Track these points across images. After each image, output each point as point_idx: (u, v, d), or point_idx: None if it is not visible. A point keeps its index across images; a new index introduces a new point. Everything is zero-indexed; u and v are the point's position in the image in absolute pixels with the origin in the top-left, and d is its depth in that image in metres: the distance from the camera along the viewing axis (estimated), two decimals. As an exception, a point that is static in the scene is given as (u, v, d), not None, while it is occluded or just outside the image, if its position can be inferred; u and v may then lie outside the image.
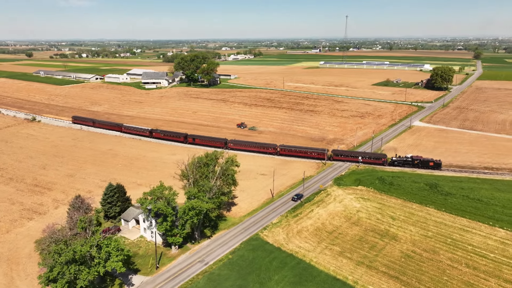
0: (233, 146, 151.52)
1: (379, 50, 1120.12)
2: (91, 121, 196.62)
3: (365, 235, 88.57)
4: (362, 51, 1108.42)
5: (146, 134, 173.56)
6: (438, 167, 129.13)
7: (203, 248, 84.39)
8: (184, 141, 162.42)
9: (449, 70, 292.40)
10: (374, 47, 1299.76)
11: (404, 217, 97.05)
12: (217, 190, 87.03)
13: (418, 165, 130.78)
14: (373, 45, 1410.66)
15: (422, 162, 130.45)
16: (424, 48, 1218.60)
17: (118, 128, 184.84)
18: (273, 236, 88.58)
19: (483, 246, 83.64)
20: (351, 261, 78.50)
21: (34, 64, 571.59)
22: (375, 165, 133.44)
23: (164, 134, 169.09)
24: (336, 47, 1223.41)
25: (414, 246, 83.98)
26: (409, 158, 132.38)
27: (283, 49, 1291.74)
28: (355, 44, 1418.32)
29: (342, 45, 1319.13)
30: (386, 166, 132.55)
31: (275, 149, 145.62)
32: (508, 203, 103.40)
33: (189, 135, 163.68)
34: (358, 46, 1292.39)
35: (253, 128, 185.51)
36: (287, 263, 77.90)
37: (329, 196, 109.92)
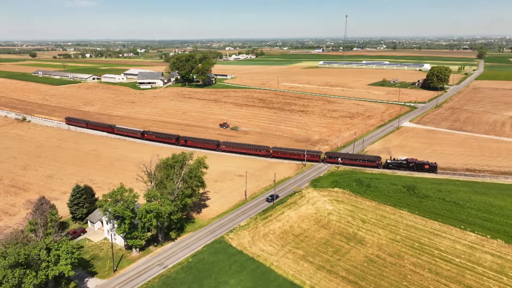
0: (226, 148, 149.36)
1: (383, 50, 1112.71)
2: (84, 122, 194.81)
3: (332, 239, 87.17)
4: (366, 50, 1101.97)
5: (137, 135, 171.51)
6: (433, 170, 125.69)
7: (165, 251, 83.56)
8: (176, 143, 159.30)
9: (445, 70, 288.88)
10: (379, 47, 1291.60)
11: (375, 220, 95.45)
12: (181, 193, 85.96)
13: (413, 168, 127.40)
14: (378, 45, 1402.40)
15: (417, 165, 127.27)
16: (429, 47, 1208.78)
17: (110, 129, 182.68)
18: (238, 239, 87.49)
19: (450, 250, 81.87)
20: (312, 265, 77.18)
21: (35, 64, 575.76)
22: (370, 167, 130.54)
23: (156, 136, 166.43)
24: (340, 47, 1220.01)
25: (380, 250, 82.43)
26: (404, 161, 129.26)
27: (287, 48, 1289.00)
28: (359, 44, 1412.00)
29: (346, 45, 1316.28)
30: (381, 169, 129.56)
31: (268, 151, 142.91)
32: (484, 206, 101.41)
33: (181, 137, 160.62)
34: (362, 45, 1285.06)
35: (235, 128, 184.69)
36: (247, 266, 76.80)
37: (302, 198, 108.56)
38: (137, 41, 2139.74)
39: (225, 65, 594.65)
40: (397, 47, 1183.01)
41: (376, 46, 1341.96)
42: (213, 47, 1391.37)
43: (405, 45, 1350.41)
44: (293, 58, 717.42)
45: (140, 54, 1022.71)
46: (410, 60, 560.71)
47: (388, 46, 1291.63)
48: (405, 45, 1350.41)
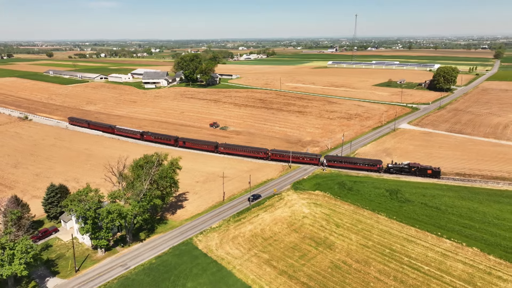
0: (224, 150, 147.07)
1: (398, 50, 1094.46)
2: (86, 122, 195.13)
3: (301, 243, 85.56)
4: (380, 50, 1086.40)
5: (137, 136, 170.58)
6: (436, 175, 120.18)
7: (131, 252, 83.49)
8: (174, 144, 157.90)
9: (452, 70, 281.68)
10: (394, 47, 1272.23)
11: (349, 225, 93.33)
12: (149, 193, 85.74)
13: (415, 173, 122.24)
14: (394, 44, 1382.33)
15: (420, 169, 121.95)
16: (447, 47, 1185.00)
17: (111, 130, 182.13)
18: (206, 241, 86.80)
19: (420, 258, 79.24)
20: (274, 270, 75.84)
21: (49, 64, 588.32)
22: (370, 172, 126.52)
23: (155, 137, 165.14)
24: (354, 47, 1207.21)
25: (347, 256, 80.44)
26: (406, 165, 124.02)
27: (301, 48, 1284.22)
28: (374, 44, 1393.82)
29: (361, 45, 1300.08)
30: (382, 174, 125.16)
31: (266, 154, 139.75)
32: (466, 212, 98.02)
33: (179, 138, 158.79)
34: (377, 45, 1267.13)
35: (224, 128, 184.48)
36: (208, 270, 76.00)
37: (281, 201, 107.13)
38: (153, 41, 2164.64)
39: (235, 65, 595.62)
40: (413, 47, 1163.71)
41: (392, 46, 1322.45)
42: (227, 46, 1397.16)
43: (422, 45, 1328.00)
44: (304, 58, 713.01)
45: (154, 54, 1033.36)
46: (423, 60, 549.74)
47: (404, 46, 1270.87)
48: (422, 45, 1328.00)
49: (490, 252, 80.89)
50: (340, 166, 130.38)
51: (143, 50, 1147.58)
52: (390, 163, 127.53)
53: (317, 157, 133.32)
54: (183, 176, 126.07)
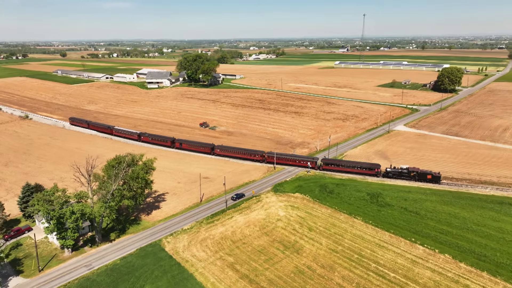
0: (220, 152, 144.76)
1: (411, 50, 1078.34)
2: (86, 123, 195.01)
3: (269, 246, 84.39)
4: (393, 50, 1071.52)
5: (135, 137, 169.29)
6: (436, 180, 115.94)
7: (99, 252, 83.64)
8: (171, 146, 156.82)
9: (457, 71, 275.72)
10: (408, 46, 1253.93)
11: (323, 229, 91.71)
12: (118, 194, 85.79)
13: (414, 178, 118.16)
14: (408, 44, 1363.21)
15: (419, 174, 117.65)
16: (463, 47, 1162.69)
17: (109, 131, 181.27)
18: (174, 243, 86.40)
19: (389, 264, 77.20)
20: (236, 274, 74.92)
21: (62, 64, 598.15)
22: (368, 176, 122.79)
23: (152, 138, 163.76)
24: (367, 47, 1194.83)
25: (314, 260, 78.93)
26: (405, 170, 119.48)
27: (313, 48, 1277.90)
28: (388, 44, 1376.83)
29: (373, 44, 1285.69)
30: (380, 178, 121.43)
31: (263, 156, 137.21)
32: (446, 218, 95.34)
33: (176, 140, 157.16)
34: (389, 45, 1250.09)
35: (213, 128, 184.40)
36: (169, 272, 75.53)
37: (258, 203, 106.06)
38: (167, 41, 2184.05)
39: (243, 65, 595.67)
40: (428, 47, 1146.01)
41: (406, 46, 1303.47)
42: (240, 46, 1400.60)
43: (437, 45, 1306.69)
44: (313, 58, 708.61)
45: (165, 54, 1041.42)
46: (432, 61, 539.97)
47: (418, 46, 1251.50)
48: (437, 45, 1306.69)
49: (462, 260, 78.34)
50: (337, 169, 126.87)
51: (155, 50, 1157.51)
52: (388, 167, 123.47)
53: (313, 160, 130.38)
54: (167, 176, 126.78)
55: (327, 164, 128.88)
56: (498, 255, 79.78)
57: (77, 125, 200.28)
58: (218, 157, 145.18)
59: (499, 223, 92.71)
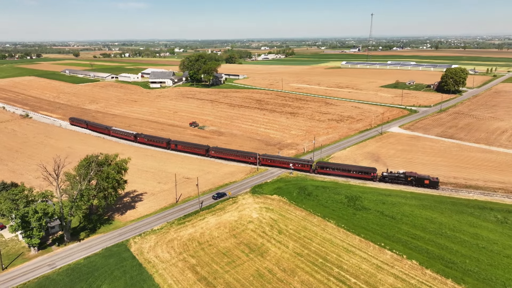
0: (215, 154, 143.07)
1: (424, 50, 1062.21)
2: (85, 123, 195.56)
3: (235, 249, 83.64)
4: (406, 50, 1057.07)
5: (131, 138, 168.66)
6: (434, 186, 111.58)
7: (65, 251, 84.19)
8: (166, 147, 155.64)
9: (461, 71, 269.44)
10: (422, 46, 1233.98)
11: (293, 231, 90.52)
12: (86, 194, 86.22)
13: (411, 183, 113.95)
14: (423, 44, 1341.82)
15: (417, 179, 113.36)
16: (479, 47, 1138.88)
17: (107, 131, 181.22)
18: (140, 244, 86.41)
19: (352, 269, 75.61)
20: (195, 276, 74.45)
21: (73, 64, 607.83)
22: (364, 180, 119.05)
23: (148, 139, 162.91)
24: (379, 46, 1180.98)
25: (276, 264, 77.84)
26: (402, 174, 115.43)
27: (325, 48, 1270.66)
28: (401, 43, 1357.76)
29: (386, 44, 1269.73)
30: (376, 182, 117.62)
31: (256, 159, 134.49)
32: (422, 222, 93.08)
33: (171, 141, 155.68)
34: (402, 45, 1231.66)
35: (201, 127, 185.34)
36: (129, 273, 75.49)
37: (234, 204, 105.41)
38: (180, 41, 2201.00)
39: (251, 64, 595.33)
40: (442, 47, 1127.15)
41: (420, 45, 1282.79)
42: (252, 46, 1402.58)
43: (452, 45, 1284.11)
44: (322, 58, 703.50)
45: (176, 54, 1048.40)
46: (443, 61, 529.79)
47: (432, 45, 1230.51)
48: (452, 45, 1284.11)
49: (429, 266, 76.24)
50: (332, 173, 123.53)
51: (167, 50, 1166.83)
52: (385, 172, 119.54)
53: (309, 163, 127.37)
54: (149, 176, 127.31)
55: (322, 167, 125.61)
56: (467, 262, 77.40)
57: (77, 125, 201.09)
58: (213, 159, 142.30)
59: (475, 229, 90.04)
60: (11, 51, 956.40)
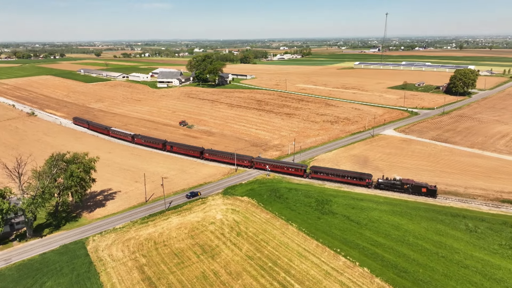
0: (209, 156, 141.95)
1: (447, 50, 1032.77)
2: (87, 123, 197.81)
3: (188, 250, 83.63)
4: (429, 50, 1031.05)
5: (128, 139, 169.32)
6: (432, 194, 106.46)
7: (25, 247, 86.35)
8: (162, 148, 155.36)
9: (471, 73, 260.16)
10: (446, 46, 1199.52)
11: (252, 234, 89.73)
12: (47, 191, 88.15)
13: (408, 191, 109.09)
14: (448, 44, 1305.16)
15: (413, 187, 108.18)
16: (508, 46, 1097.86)
17: (106, 131, 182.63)
18: (98, 242, 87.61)
19: (299, 275, 74.21)
20: (140, 276, 74.90)
21: (92, 63, 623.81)
22: (358, 186, 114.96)
23: (144, 140, 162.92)
24: (401, 46, 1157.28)
25: (225, 267, 77.33)
26: (398, 182, 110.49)
27: (345, 48, 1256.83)
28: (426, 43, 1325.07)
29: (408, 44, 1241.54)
30: (372, 189, 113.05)
31: (251, 162, 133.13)
32: (386, 228, 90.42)
33: (167, 143, 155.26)
34: (425, 45, 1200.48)
35: (190, 126, 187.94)
36: (77, 270, 76.67)
37: (202, 205, 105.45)
38: (202, 41, 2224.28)
39: (265, 65, 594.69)
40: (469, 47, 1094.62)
41: (444, 45, 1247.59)
42: (272, 46, 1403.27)
43: (479, 45, 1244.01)
44: (339, 58, 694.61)
45: (195, 53, 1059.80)
46: (464, 61, 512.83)
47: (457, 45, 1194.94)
48: (479, 45, 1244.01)
49: (380, 274, 73.93)
50: (326, 178, 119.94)
51: (187, 50, 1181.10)
52: (380, 178, 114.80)
53: (302, 167, 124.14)
54: (127, 175, 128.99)
55: (316, 172, 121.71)
56: (420, 271, 74.59)
57: (79, 125, 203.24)
58: (207, 161, 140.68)
59: (441, 237, 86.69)
60: (38, 51, 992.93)
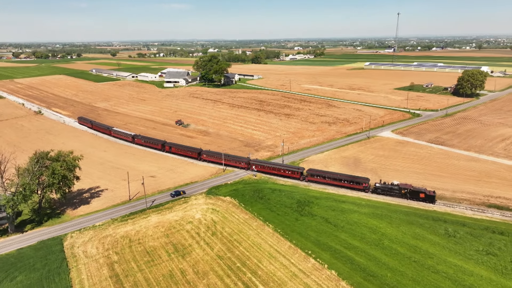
0: (206, 157, 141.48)
1: (466, 50, 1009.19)
2: (90, 123, 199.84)
3: (161, 248, 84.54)
4: (446, 50, 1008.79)
5: (129, 139, 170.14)
6: (431, 200, 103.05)
7: (6, 242, 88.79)
8: (161, 149, 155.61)
9: (479, 74, 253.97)
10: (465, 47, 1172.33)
11: (227, 234, 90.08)
12: (28, 188, 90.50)
13: (406, 196, 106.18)
14: (468, 44, 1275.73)
15: (411, 192, 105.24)
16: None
17: (108, 131, 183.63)
18: (75, 238, 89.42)
19: (265, 276, 74.19)
20: (110, 272, 76.15)
21: (106, 63, 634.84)
22: (356, 190, 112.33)
23: (144, 140, 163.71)
24: (418, 47, 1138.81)
25: (193, 266, 77.92)
26: (395, 186, 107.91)
27: (361, 48, 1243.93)
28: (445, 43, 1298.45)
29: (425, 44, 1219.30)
30: (369, 193, 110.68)
31: (248, 164, 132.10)
32: (363, 231, 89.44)
33: (166, 143, 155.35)
34: (442, 45, 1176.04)
35: (186, 126, 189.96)
36: (49, 266, 78.41)
37: (183, 204, 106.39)
38: (218, 41, 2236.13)
39: (275, 65, 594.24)
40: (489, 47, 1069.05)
41: (464, 45, 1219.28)
42: (287, 47, 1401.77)
43: (501, 44, 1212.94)
44: (351, 59, 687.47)
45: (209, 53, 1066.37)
46: (479, 62, 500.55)
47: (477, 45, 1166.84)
48: (501, 44, 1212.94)
49: (347, 277, 73.20)
50: (322, 181, 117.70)
51: (201, 50, 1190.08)
52: (378, 182, 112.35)
53: (298, 170, 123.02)
54: (116, 173, 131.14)
55: (312, 175, 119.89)
56: (389, 275, 73.50)
57: (83, 124, 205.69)
58: (205, 162, 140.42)
59: (417, 241, 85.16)
60: (57, 51, 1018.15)
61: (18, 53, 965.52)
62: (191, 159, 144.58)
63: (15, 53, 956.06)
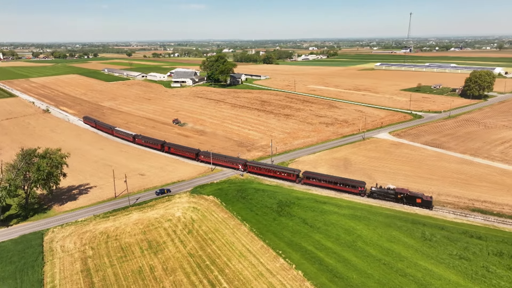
0: (203, 158, 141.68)
1: (485, 50, 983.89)
2: (94, 122, 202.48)
3: (136, 245, 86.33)
4: (465, 51, 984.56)
5: (130, 139, 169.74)
6: (427, 205, 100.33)
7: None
8: (161, 149, 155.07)
9: (487, 75, 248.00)
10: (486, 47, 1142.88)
11: (202, 233, 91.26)
12: (13, 184, 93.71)
13: (402, 200, 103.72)
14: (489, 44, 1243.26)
15: (408, 197, 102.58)
16: None
17: (111, 131, 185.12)
18: (56, 233, 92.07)
19: (231, 275, 75.04)
20: (82, 267, 78.32)
21: (121, 63, 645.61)
22: (352, 194, 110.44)
23: (144, 140, 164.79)
24: (435, 47, 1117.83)
25: (163, 263, 79.37)
26: (391, 191, 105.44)
27: (377, 48, 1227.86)
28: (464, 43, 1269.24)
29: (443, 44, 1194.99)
30: (365, 198, 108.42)
31: (245, 166, 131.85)
32: (338, 233, 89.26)
33: (166, 144, 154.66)
34: (462, 45, 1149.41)
35: (182, 124, 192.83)
36: (25, 259, 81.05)
37: (166, 202, 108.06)
38: (234, 41, 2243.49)
39: (287, 65, 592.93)
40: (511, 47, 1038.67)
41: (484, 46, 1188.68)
42: (303, 47, 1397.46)
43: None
44: (364, 59, 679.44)
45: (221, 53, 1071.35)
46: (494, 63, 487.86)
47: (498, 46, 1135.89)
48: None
49: (312, 278, 73.39)
50: (318, 184, 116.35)
51: (217, 50, 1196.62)
52: (374, 186, 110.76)
53: (294, 172, 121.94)
54: (108, 171, 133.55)
55: (308, 178, 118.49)
56: (354, 277, 73.30)
57: (88, 124, 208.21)
58: (203, 163, 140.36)
59: (391, 244, 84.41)
60: (76, 51, 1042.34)
61: (37, 53, 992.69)
62: (189, 159, 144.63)
63: (34, 53, 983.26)
